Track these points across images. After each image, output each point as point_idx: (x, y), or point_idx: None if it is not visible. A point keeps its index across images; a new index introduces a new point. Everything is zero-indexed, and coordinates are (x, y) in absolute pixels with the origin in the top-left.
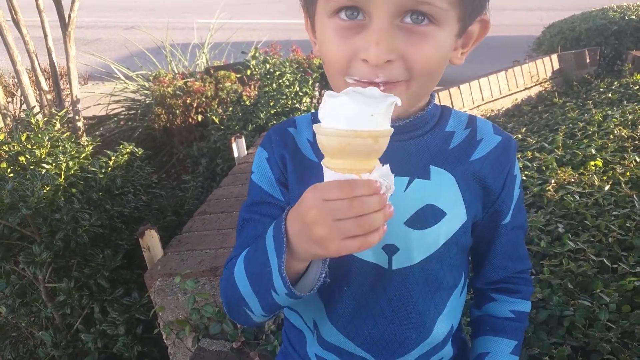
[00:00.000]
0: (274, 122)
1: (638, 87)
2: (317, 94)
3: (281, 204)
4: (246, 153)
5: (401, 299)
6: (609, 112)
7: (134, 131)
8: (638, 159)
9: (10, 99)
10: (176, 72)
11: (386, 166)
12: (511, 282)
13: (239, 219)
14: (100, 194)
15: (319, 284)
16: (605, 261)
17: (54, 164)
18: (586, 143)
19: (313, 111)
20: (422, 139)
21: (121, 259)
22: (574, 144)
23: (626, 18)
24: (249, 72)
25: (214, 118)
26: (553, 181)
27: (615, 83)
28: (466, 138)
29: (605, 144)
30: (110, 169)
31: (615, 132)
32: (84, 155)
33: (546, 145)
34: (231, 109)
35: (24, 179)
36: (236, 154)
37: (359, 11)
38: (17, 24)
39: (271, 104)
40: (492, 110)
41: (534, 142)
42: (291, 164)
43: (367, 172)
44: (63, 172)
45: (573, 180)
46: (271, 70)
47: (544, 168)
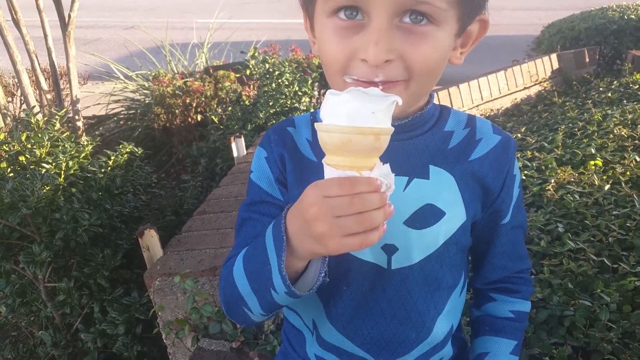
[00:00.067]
0: (273, 121)
1: (638, 86)
2: (316, 93)
3: (280, 203)
4: (245, 153)
5: (400, 298)
6: (609, 112)
7: (133, 131)
8: (638, 159)
9: (10, 98)
10: (175, 71)
11: (387, 165)
12: (511, 281)
13: (237, 218)
14: (100, 193)
15: (319, 283)
16: (606, 261)
17: (53, 164)
18: (586, 142)
19: (312, 111)
20: (421, 138)
21: (121, 259)
22: (573, 143)
23: (625, 17)
24: (248, 72)
25: (214, 118)
26: (553, 181)
27: (615, 82)
28: (465, 137)
29: (605, 143)
30: (109, 168)
31: (615, 131)
32: (83, 155)
33: (546, 145)
34: (230, 108)
35: (24, 178)
36: (235, 154)
37: (358, 11)
38: (17, 24)
39: (270, 103)
40: (492, 110)
41: (533, 141)
42: (290, 164)
43: (368, 170)
44: (63, 172)
45: (573, 179)
46: (270, 70)
47: (543, 167)
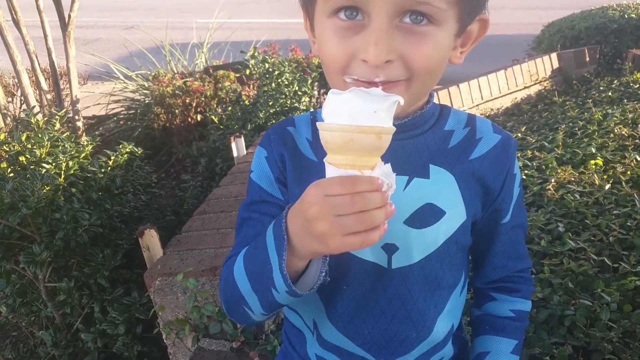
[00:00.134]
0: (273, 121)
1: (638, 85)
2: (316, 93)
3: (280, 202)
4: (245, 152)
5: (401, 298)
6: (609, 111)
7: (133, 131)
8: (638, 158)
9: (10, 99)
10: (175, 71)
11: (388, 165)
12: (511, 281)
13: (238, 218)
14: (100, 193)
15: (319, 282)
16: (606, 260)
17: (53, 164)
18: (586, 142)
19: (312, 110)
20: (421, 137)
21: (121, 259)
22: (574, 142)
23: (626, 16)
24: (248, 72)
25: (213, 117)
26: (553, 180)
27: (615, 82)
28: (465, 137)
29: (606, 142)
30: (109, 168)
31: (616, 130)
32: (83, 155)
33: (546, 144)
34: (230, 108)
35: (24, 178)
36: (235, 154)
37: (358, 11)
38: (17, 24)
39: (270, 103)
40: (492, 109)
41: (533, 141)
42: (290, 163)
43: (369, 169)
44: (63, 172)
45: (573, 179)
46: (270, 70)
47: (544, 167)
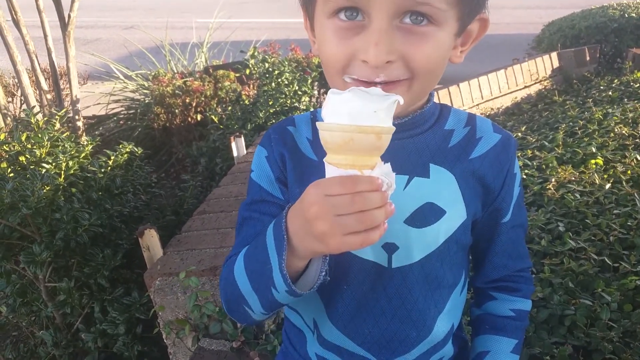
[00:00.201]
0: (273, 121)
1: (638, 84)
2: (316, 92)
3: (280, 202)
4: (245, 152)
5: (401, 297)
6: (610, 110)
7: (133, 131)
8: (639, 157)
9: (10, 99)
10: (175, 71)
11: (387, 164)
12: (511, 280)
13: (238, 217)
14: (100, 193)
15: (319, 282)
16: (607, 260)
17: (53, 164)
18: (586, 141)
19: (312, 110)
20: (421, 137)
21: (121, 259)
22: (574, 142)
23: (626, 16)
24: (248, 72)
25: (213, 117)
26: (553, 180)
27: (616, 81)
28: (465, 136)
29: (606, 142)
30: (109, 168)
31: (616, 130)
32: (83, 154)
33: (546, 144)
34: (230, 108)
35: (24, 178)
36: (235, 153)
37: (358, 12)
38: (17, 24)
39: (270, 103)
40: (492, 109)
41: (534, 140)
42: (290, 163)
43: (369, 168)
44: (63, 172)
45: (573, 178)
46: (270, 70)
47: (544, 166)
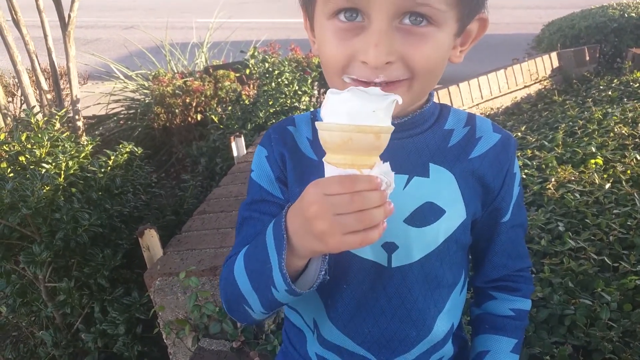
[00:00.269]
0: (273, 121)
1: (638, 84)
2: (316, 92)
3: (280, 202)
4: (245, 152)
5: (401, 296)
6: (609, 110)
7: (133, 130)
8: (639, 157)
9: (10, 98)
10: (175, 71)
11: (387, 164)
12: (511, 280)
13: (238, 217)
14: (99, 193)
15: (319, 281)
16: (606, 260)
17: (53, 164)
18: (586, 141)
19: (312, 109)
20: (421, 136)
21: (121, 259)
22: (574, 142)
23: (626, 15)
24: (248, 71)
25: (213, 117)
26: (553, 179)
27: (615, 81)
28: (465, 136)
29: (606, 142)
30: (109, 168)
31: (616, 130)
32: (83, 154)
33: (546, 144)
34: (230, 108)
35: (24, 178)
36: (235, 153)
37: (358, 13)
38: (17, 24)
39: (270, 103)
40: (492, 109)
41: (533, 140)
42: (290, 162)
43: (368, 168)
44: (63, 172)
45: (573, 178)
46: (270, 69)
47: (544, 166)
